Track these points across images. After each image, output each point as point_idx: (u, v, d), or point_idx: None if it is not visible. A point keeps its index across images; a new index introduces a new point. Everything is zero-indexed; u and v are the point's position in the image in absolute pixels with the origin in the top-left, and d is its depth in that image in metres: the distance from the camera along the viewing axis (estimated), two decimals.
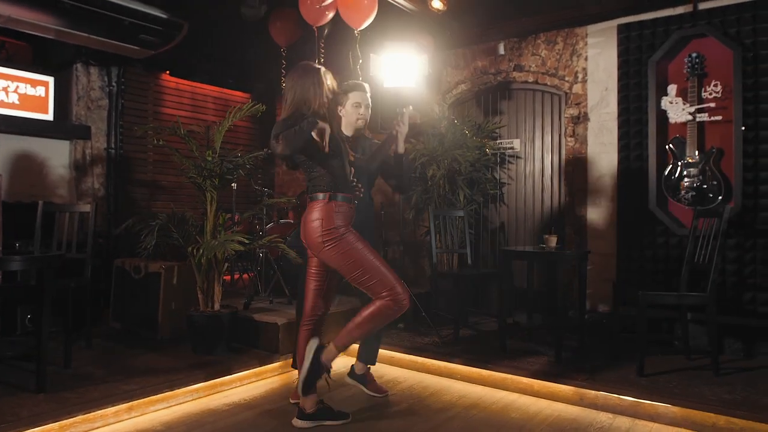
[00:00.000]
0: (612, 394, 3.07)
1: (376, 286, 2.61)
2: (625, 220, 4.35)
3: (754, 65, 3.85)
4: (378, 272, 2.62)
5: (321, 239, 2.65)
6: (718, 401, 2.86)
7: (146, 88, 5.72)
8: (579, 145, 4.70)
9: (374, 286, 2.62)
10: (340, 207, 2.69)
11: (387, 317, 2.63)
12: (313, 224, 2.67)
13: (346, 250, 2.64)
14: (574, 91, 4.74)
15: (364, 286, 2.66)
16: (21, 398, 2.84)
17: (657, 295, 3.36)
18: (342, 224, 2.68)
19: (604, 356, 3.68)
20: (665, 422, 2.88)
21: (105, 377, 3.21)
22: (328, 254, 2.67)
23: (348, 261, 2.64)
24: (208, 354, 3.68)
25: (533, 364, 3.51)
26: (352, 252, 2.64)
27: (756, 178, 3.83)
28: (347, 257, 2.64)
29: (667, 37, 4.16)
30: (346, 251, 2.64)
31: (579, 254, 3.99)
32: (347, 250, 2.64)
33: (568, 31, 4.76)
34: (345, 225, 2.69)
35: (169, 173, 5.86)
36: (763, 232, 3.80)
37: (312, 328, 2.87)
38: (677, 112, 4.10)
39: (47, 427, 2.61)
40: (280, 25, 4.53)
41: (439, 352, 3.81)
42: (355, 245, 2.65)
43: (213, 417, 2.99)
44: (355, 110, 3.15)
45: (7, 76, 4.77)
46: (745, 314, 3.79)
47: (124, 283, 4.41)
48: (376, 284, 2.61)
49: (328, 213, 2.66)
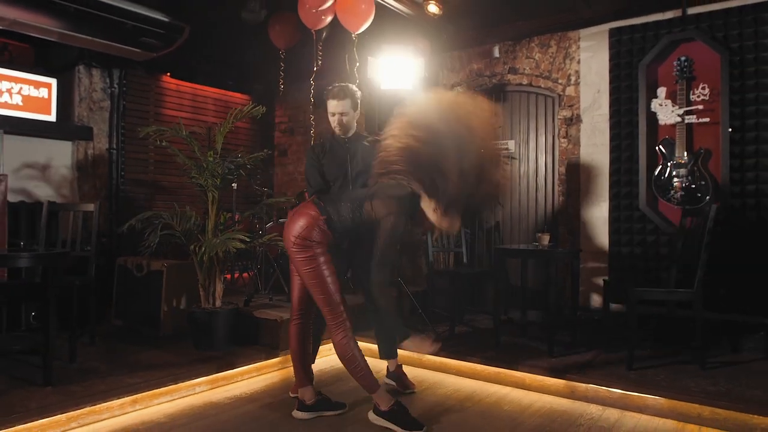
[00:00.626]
0: (602, 387, 3.17)
1: (325, 309, 2.71)
2: (616, 219, 4.46)
3: (740, 69, 3.97)
4: (329, 298, 2.69)
5: (293, 243, 2.69)
6: (702, 393, 2.96)
7: (147, 90, 5.81)
8: (572, 146, 4.81)
9: (323, 308, 2.72)
10: (323, 224, 2.69)
11: (350, 348, 2.71)
12: (294, 226, 2.70)
13: (310, 264, 2.68)
14: (567, 93, 4.85)
15: (317, 303, 2.75)
16: (29, 391, 2.93)
17: (646, 291, 3.46)
18: (318, 240, 2.68)
19: (594, 349, 3.79)
20: (652, 413, 2.99)
21: (110, 372, 3.30)
22: (294, 258, 2.73)
23: (308, 274, 2.69)
24: (209, 350, 3.77)
25: (526, 359, 3.60)
26: (316, 269, 2.68)
27: (743, 178, 3.95)
28: (309, 272, 2.69)
29: (657, 41, 4.27)
30: (309, 265, 2.68)
31: (571, 252, 4.10)
32: (311, 266, 2.68)
33: (561, 35, 4.87)
34: (320, 242, 2.69)
35: (169, 173, 5.95)
36: (747, 230, 3.91)
37: (300, 322, 2.94)
38: (667, 114, 4.21)
39: (55, 419, 2.70)
40: (279, 28, 4.63)
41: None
42: (318, 262, 2.67)
43: (215, 410, 3.08)
44: (331, 118, 3.22)
45: (11, 78, 4.86)
46: (731, 311, 3.89)
47: (126, 281, 4.50)
48: (325, 308, 2.71)
49: (310, 224, 2.68)
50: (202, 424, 2.87)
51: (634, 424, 2.89)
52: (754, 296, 3.85)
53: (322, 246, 2.69)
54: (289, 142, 6.95)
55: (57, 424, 2.70)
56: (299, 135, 6.84)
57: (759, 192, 3.89)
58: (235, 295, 4.58)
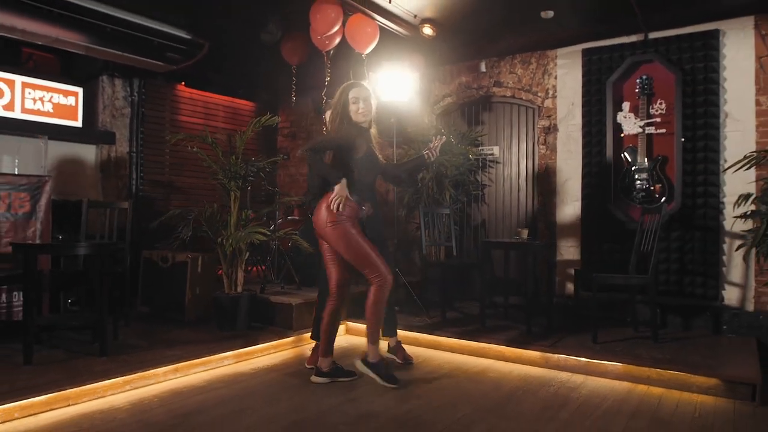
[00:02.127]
0: (570, 356, 3.77)
1: (365, 269, 3.25)
2: (587, 216, 5.07)
3: (692, 86, 4.60)
4: (367, 258, 3.23)
5: (326, 224, 3.24)
6: (652, 360, 3.57)
7: (164, 98, 6.32)
8: (549, 152, 5.41)
9: (363, 269, 3.26)
10: (350, 200, 3.25)
11: (382, 297, 3.27)
12: (322, 208, 3.27)
13: (342, 234, 3.23)
14: (546, 105, 5.45)
15: (357, 266, 3.29)
16: (88, 360, 3.46)
17: (608, 276, 4.07)
18: (347, 215, 3.24)
19: (567, 330, 4.39)
20: (611, 377, 3.58)
21: (150, 346, 3.83)
22: (330, 238, 3.27)
23: (344, 243, 3.24)
24: (232, 330, 4.31)
25: (508, 336, 4.19)
26: (348, 236, 3.23)
27: (694, 181, 4.57)
28: (343, 240, 3.23)
29: (623, 61, 4.89)
30: (342, 235, 3.23)
31: (547, 245, 4.70)
32: (343, 234, 3.23)
33: (540, 53, 5.47)
34: (349, 216, 3.25)
35: (183, 175, 6.46)
36: (698, 227, 4.54)
37: (336, 304, 3.44)
38: (630, 126, 4.83)
39: (115, 381, 3.22)
40: (291, 46, 5.17)
41: (428, 329, 4.49)
42: (350, 231, 3.23)
43: (244, 377, 3.62)
44: (353, 106, 3.35)
45: (44, 87, 5.35)
46: (684, 295, 4.52)
47: (151, 272, 5.01)
48: (365, 268, 3.25)
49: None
50: (236, 387, 3.41)
51: (595, 385, 3.48)
52: (701, 282, 4.48)
53: (351, 219, 3.24)
54: (291, 146, 7.49)
55: (116, 386, 3.22)
56: (300, 139, 7.39)
57: (707, 193, 4.52)
58: (249, 285, 5.11)
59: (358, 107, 3.33)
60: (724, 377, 3.28)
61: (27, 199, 4.23)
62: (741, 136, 4.47)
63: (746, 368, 3.40)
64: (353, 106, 3.34)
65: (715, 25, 4.57)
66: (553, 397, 3.24)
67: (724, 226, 4.46)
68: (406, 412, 2.97)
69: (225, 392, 3.31)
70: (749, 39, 4.46)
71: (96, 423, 2.78)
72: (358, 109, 3.34)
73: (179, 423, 2.80)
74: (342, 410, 2.98)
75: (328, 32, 4.35)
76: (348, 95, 3.36)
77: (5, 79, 5.06)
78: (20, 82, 5.16)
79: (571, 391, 3.38)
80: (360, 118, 3.36)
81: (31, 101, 5.24)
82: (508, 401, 3.17)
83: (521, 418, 2.91)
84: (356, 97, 3.34)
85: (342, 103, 3.36)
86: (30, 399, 2.86)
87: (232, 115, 7.07)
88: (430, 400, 3.17)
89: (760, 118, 4.40)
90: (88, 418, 2.84)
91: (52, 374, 3.18)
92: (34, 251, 3.46)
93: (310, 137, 7.24)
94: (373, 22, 4.64)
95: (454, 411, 2.99)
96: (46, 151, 5.13)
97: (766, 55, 4.40)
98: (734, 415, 2.98)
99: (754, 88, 4.43)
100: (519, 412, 2.99)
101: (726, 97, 4.54)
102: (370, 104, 3.39)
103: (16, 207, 4.17)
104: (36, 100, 5.28)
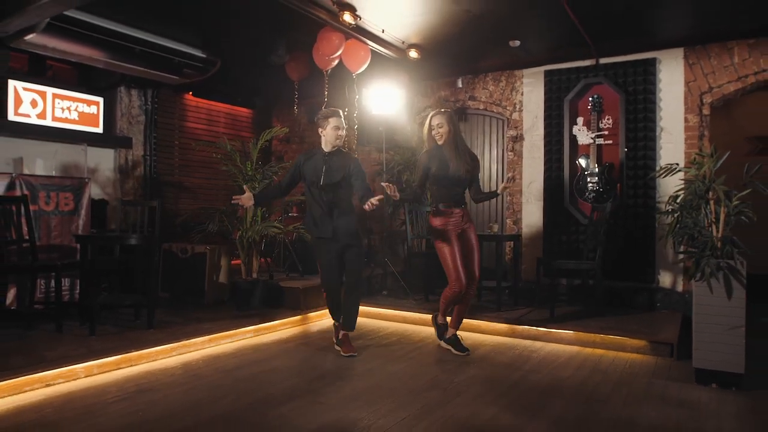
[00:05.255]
0: (532, 327, 4.63)
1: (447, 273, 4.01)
2: (549, 213, 5.95)
3: (634, 105, 5.51)
4: (447, 265, 3.98)
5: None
6: (597, 328, 4.45)
7: (174, 106, 6.99)
8: (517, 158, 6.28)
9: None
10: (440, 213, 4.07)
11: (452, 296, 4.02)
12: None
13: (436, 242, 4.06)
14: (514, 117, 6.32)
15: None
16: (137, 332, 4.18)
17: (564, 262, 4.95)
18: (439, 225, 4.04)
19: (530, 307, 5.26)
20: (565, 343, 4.46)
21: (184, 323, 4.55)
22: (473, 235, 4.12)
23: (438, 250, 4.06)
24: (248, 310, 5.05)
25: (481, 313, 5.03)
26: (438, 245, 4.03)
27: (635, 184, 5.49)
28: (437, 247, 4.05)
29: (578, 82, 5.79)
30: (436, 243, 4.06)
31: (513, 236, 5.56)
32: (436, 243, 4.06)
33: (509, 73, 6.34)
34: (441, 225, 4.03)
35: (190, 176, 7.14)
36: (638, 222, 5.46)
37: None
38: (583, 137, 5.73)
39: (164, 347, 3.95)
40: (294, 65, 5.91)
41: (415, 309, 5.30)
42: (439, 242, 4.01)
43: (264, 346, 4.38)
44: (335, 132, 3.95)
45: (71, 98, 5.97)
46: (626, 279, 5.45)
47: (171, 262, 5.70)
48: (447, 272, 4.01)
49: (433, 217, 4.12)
50: (261, 353, 4.17)
51: (551, 348, 4.35)
52: (640, 268, 5.42)
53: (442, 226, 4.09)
54: (285, 149, 8.22)
55: (165, 351, 3.95)
56: (294, 143, 8.12)
57: (645, 194, 5.45)
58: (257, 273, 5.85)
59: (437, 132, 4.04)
60: (651, 339, 4.19)
61: (71, 198, 4.90)
62: (673, 146, 5.40)
63: (668, 333, 4.31)
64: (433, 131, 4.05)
65: (653, 54, 5.49)
66: (519, 357, 4.10)
67: (657, 222, 5.39)
68: (398, 370, 3.79)
69: (254, 356, 4.07)
70: (680, 67, 5.40)
71: (160, 377, 3.52)
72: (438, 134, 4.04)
73: (224, 376, 3.55)
74: (351, 366, 3.78)
75: (332, 55, 5.11)
76: (430, 122, 4.07)
77: (38, 90, 5.67)
78: (51, 93, 5.78)
79: (533, 352, 4.24)
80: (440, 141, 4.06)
81: (60, 110, 5.86)
82: (484, 359, 4.01)
83: (496, 368, 3.75)
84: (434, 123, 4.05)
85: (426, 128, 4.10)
86: (104, 359, 3.58)
87: (232, 121, 7.76)
88: (420, 360, 3.99)
89: (688, 132, 5.34)
90: (152, 374, 3.57)
91: (114, 342, 3.89)
92: (95, 242, 4.14)
93: (303, 142, 7.99)
94: (366, 46, 5.41)
95: (443, 364, 3.82)
96: (86, 156, 5.76)
97: (692, 80, 5.34)
98: (655, 366, 3.88)
99: (683, 108, 5.37)
100: (493, 365, 3.84)
101: (661, 114, 5.46)
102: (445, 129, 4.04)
103: (63, 205, 4.83)
104: (64, 109, 5.90)
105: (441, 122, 4.02)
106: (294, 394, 3.18)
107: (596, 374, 3.67)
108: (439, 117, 4.04)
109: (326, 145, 4.02)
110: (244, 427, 2.72)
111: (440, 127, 4.01)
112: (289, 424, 2.75)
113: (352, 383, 3.41)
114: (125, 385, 3.34)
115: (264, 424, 2.76)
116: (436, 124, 4.03)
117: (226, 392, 3.23)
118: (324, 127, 4.00)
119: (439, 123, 4.02)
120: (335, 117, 3.99)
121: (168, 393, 3.21)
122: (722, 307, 3.32)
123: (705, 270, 3.35)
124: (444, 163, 4.00)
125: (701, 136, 5.31)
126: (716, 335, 3.35)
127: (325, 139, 4.01)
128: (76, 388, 3.28)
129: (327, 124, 3.98)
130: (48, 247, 4.72)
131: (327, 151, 4.01)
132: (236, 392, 3.23)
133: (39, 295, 4.59)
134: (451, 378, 3.53)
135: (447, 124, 4.01)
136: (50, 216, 4.75)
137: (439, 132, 4.02)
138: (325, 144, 4.03)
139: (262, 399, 3.11)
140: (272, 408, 2.97)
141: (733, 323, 3.29)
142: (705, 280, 3.36)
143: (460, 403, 3.07)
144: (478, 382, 3.46)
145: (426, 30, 5.17)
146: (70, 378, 3.39)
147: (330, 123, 3.98)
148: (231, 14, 4.97)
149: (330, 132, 3.98)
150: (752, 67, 5.10)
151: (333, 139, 3.98)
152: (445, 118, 4.03)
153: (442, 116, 4.04)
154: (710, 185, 3.49)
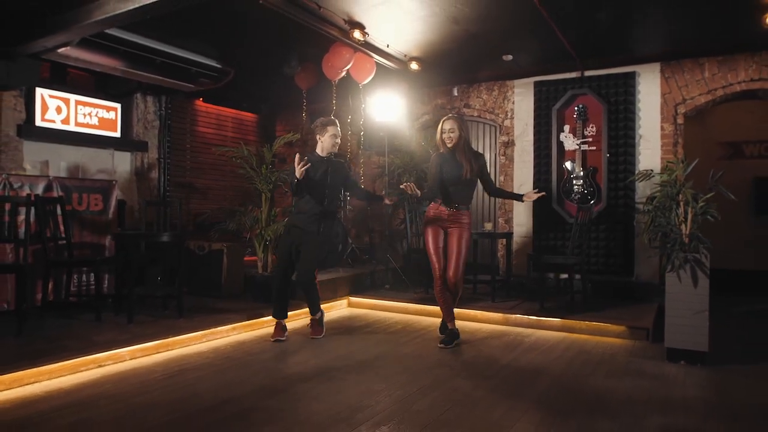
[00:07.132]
0: (524, 316, 5.13)
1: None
2: (537, 213, 6.46)
3: (615, 115, 6.04)
4: (428, 252, 4.36)
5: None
6: (582, 316, 4.96)
7: (186, 112, 7.39)
8: (508, 162, 6.78)
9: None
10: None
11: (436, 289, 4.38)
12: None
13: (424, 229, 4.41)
14: (505, 124, 6.82)
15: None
16: (170, 319, 4.61)
17: (552, 257, 5.46)
18: (428, 215, 4.38)
19: (522, 299, 5.76)
20: (553, 330, 4.96)
21: (209, 313, 4.97)
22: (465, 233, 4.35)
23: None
24: (264, 301, 5.48)
25: (477, 304, 5.52)
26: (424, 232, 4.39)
27: (616, 187, 6.02)
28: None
29: (565, 92, 6.30)
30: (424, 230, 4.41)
31: (506, 234, 6.06)
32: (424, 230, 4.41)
33: (501, 83, 6.84)
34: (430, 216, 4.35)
35: (201, 177, 7.55)
36: (619, 221, 5.99)
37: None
38: (569, 143, 6.25)
39: (196, 334, 4.38)
40: (303, 75, 6.35)
41: (415, 301, 5.78)
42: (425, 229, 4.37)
43: None
44: (332, 139, 4.30)
45: (92, 104, 6.37)
46: (609, 273, 5.97)
47: (189, 258, 6.10)
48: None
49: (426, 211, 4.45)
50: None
51: (541, 335, 4.85)
52: (621, 263, 5.94)
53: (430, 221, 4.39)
54: (288, 152, 8.65)
55: (197, 338, 4.38)
56: (297, 146, 8.55)
57: (626, 196, 5.98)
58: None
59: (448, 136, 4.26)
60: (629, 325, 4.71)
61: (100, 199, 5.30)
62: (651, 152, 5.94)
63: (645, 320, 4.83)
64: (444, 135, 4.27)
65: (633, 68, 6.02)
66: (512, 341, 4.59)
67: (636, 222, 5.92)
68: (409, 352, 4.27)
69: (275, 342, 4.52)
70: (657, 80, 5.93)
71: (195, 359, 3.95)
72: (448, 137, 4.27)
73: (253, 358, 4.00)
74: (365, 349, 4.25)
75: (343, 68, 5.57)
76: (442, 127, 4.29)
77: (63, 98, 6.06)
78: (74, 100, 6.17)
79: (524, 338, 4.73)
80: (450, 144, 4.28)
81: (82, 116, 6.24)
82: (481, 343, 4.50)
83: (492, 350, 4.24)
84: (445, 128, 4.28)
85: (438, 132, 4.31)
86: (145, 344, 4.01)
87: (239, 125, 8.18)
88: (425, 344, 4.47)
89: (664, 139, 5.88)
90: (187, 358, 4.00)
91: (152, 329, 4.32)
92: (133, 239, 4.56)
93: (306, 145, 8.42)
94: (372, 59, 5.88)
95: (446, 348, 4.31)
96: (113, 160, 6.16)
97: (668, 92, 5.88)
98: (633, 347, 4.40)
99: (660, 117, 5.91)
100: (491, 347, 4.33)
101: (640, 123, 6.00)
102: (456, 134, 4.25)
103: (93, 205, 5.23)
104: (86, 115, 6.29)
105: (452, 127, 4.26)
106: (318, 372, 3.64)
107: (581, 355, 4.17)
108: (451, 122, 4.28)
109: (322, 151, 4.34)
110: (280, 395, 3.17)
111: (452, 131, 4.25)
112: (319, 394, 3.21)
113: (368, 362, 3.88)
114: (169, 365, 3.77)
115: (298, 393, 3.21)
116: (448, 129, 4.27)
117: (258, 371, 3.67)
118: (322, 135, 4.31)
119: (450, 128, 4.26)
120: (333, 126, 4.31)
121: (207, 372, 3.65)
122: (689, 294, 3.84)
123: (675, 262, 3.86)
124: (452, 165, 4.32)
125: (676, 143, 5.85)
126: (684, 318, 3.86)
127: (322, 145, 4.33)
128: (124, 369, 3.70)
129: (325, 132, 4.30)
130: (80, 244, 5.12)
131: (323, 156, 4.34)
132: (266, 371, 3.68)
133: (72, 289, 4.99)
134: (455, 358, 4.01)
135: (458, 129, 4.26)
136: (82, 215, 5.15)
137: (450, 136, 4.26)
138: (321, 150, 4.34)
139: (290, 376, 3.56)
140: (302, 382, 3.42)
141: (698, 308, 3.81)
142: (675, 271, 3.87)
143: (464, 377, 3.55)
144: (477, 361, 3.95)
145: (427, 45, 5.65)
146: (118, 360, 3.81)
147: (328, 131, 4.30)
148: (247, 28, 5.41)
149: (327, 139, 4.31)
150: (721, 81, 5.65)
151: (330, 146, 4.32)
152: (456, 124, 4.26)
153: (453, 121, 4.30)
154: (680, 189, 4.00)
